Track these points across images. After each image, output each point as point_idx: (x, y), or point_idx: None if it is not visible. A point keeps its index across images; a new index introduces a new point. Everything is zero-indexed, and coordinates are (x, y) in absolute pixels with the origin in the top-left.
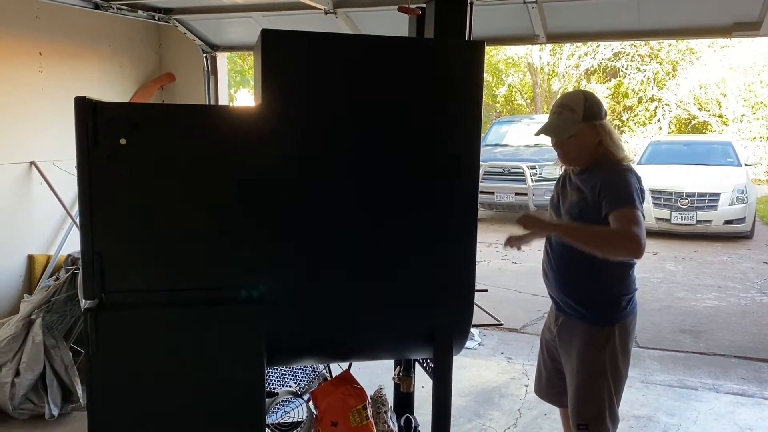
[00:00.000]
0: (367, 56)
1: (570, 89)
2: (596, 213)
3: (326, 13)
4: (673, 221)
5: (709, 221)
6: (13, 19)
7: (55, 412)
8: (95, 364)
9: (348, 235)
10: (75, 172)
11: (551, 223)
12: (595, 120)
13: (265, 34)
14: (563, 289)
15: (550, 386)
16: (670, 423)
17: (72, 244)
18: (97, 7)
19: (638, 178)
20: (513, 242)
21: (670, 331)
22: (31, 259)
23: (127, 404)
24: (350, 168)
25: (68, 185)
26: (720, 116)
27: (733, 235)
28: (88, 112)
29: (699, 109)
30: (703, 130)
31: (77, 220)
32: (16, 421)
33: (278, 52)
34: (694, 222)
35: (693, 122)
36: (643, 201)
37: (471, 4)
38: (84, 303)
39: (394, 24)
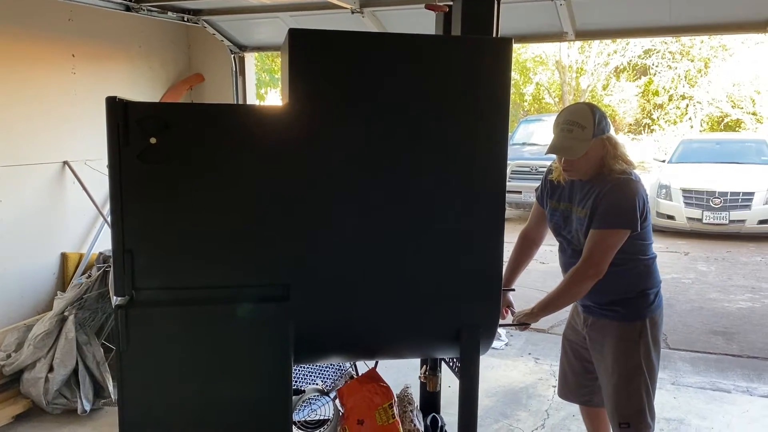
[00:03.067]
0: (393, 54)
1: (599, 87)
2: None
3: (353, 12)
4: (705, 221)
5: (743, 221)
6: (47, 22)
7: (87, 407)
8: (125, 360)
9: (375, 232)
10: (106, 171)
11: (536, 313)
12: (603, 134)
13: (293, 33)
14: (589, 295)
15: (578, 387)
16: (702, 426)
17: (103, 242)
18: (128, 9)
19: (643, 189)
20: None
21: (701, 333)
22: (64, 256)
23: (157, 399)
24: (377, 166)
25: (100, 184)
26: (754, 114)
27: (767, 236)
28: (119, 111)
29: (732, 106)
30: (736, 128)
31: (108, 219)
32: (49, 416)
33: (305, 52)
34: (727, 222)
35: (726, 120)
36: (644, 211)
37: (498, 1)
38: (115, 300)
39: (420, 22)
